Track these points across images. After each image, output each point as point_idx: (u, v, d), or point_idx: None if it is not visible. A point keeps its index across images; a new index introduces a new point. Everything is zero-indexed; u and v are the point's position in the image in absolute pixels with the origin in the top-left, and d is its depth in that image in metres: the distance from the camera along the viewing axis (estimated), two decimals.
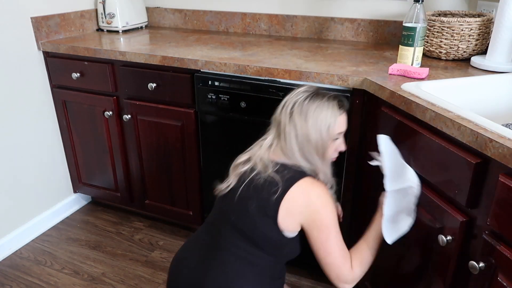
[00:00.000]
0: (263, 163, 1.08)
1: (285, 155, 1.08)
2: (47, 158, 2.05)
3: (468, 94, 1.25)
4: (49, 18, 1.92)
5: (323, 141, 1.07)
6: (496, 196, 0.84)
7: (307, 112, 1.05)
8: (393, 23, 1.80)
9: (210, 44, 1.84)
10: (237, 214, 1.07)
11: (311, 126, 1.05)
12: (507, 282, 0.84)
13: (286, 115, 1.07)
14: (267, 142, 1.12)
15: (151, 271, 1.82)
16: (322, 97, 1.07)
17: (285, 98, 1.11)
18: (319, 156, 1.08)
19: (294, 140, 1.06)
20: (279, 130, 1.09)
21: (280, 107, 1.11)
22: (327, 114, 1.06)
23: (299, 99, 1.07)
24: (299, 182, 1.04)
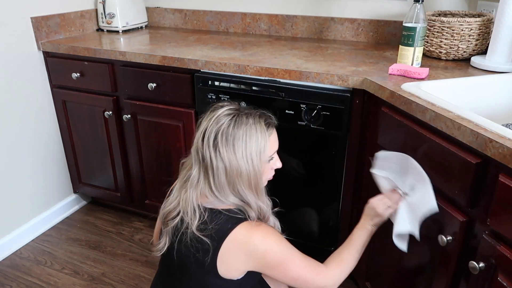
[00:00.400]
0: (190, 211, 0.95)
1: (214, 194, 0.95)
2: (47, 158, 2.05)
3: (468, 94, 1.25)
4: (49, 18, 1.92)
5: (255, 171, 0.94)
6: (496, 196, 0.84)
7: (233, 142, 0.91)
8: (393, 23, 1.80)
9: (210, 44, 1.84)
10: (180, 273, 1.00)
11: (240, 158, 0.91)
12: (507, 282, 0.84)
13: (209, 147, 0.92)
14: (193, 180, 0.96)
15: (151, 271, 1.82)
16: (246, 119, 0.93)
17: (203, 123, 0.95)
18: (252, 189, 0.96)
19: (223, 176, 0.92)
20: (205, 165, 0.93)
21: (200, 136, 0.94)
22: (256, 139, 0.93)
23: (222, 127, 0.92)
24: (231, 235, 0.92)
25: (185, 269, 0.98)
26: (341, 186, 1.53)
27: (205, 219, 0.94)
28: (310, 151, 1.52)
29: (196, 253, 0.95)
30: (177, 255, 0.99)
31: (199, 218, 0.94)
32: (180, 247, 0.98)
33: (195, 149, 0.96)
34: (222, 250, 0.93)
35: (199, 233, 0.93)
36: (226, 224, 0.94)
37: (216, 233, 0.93)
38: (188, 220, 0.95)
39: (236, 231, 0.93)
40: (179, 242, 0.98)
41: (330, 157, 1.48)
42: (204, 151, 0.93)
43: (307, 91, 1.42)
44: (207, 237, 0.93)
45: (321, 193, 1.56)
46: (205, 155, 0.93)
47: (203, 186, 0.96)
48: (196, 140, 0.96)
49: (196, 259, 0.95)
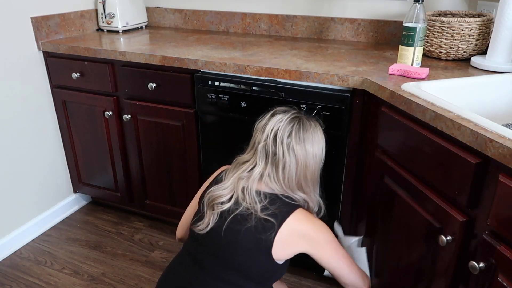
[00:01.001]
0: (249, 197, 1.05)
1: (278, 185, 1.07)
2: (47, 158, 2.05)
3: (468, 94, 1.25)
4: (49, 18, 1.92)
5: (318, 166, 1.10)
6: (496, 196, 0.84)
7: (304, 140, 1.06)
8: (393, 23, 1.80)
9: (210, 44, 1.84)
10: (225, 250, 1.05)
11: (310, 153, 1.07)
12: (507, 282, 0.84)
13: (283, 145, 1.05)
14: (256, 174, 1.07)
15: (151, 271, 1.82)
16: (309, 123, 1.09)
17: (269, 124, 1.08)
18: (313, 181, 1.11)
19: (294, 170, 1.06)
20: (275, 161, 1.06)
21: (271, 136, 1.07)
22: (319, 140, 1.09)
23: (294, 128, 1.06)
24: (292, 215, 1.04)
25: (236, 247, 1.04)
26: (341, 186, 1.53)
27: (265, 203, 1.05)
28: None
29: (259, 235, 1.02)
30: (227, 234, 1.04)
31: (259, 201, 1.05)
32: (233, 226, 1.04)
33: (263, 146, 1.07)
34: (283, 229, 1.02)
35: (263, 214, 1.03)
36: (285, 207, 1.05)
37: (279, 213, 1.03)
38: (244, 204, 1.05)
39: (296, 214, 1.05)
40: (233, 222, 1.04)
41: (330, 157, 1.48)
42: (276, 149, 1.06)
43: (307, 91, 1.42)
44: (272, 216, 1.03)
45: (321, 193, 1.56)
46: (278, 152, 1.05)
47: (269, 179, 1.07)
48: (263, 138, 1.08)
49: (257, 239, 1.02)
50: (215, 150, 1.71)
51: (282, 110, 1.11)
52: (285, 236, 1.02)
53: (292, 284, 1.73)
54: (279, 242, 1.02)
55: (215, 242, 1.06)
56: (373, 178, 1.35)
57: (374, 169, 1.33)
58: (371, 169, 1.38)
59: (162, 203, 1.97)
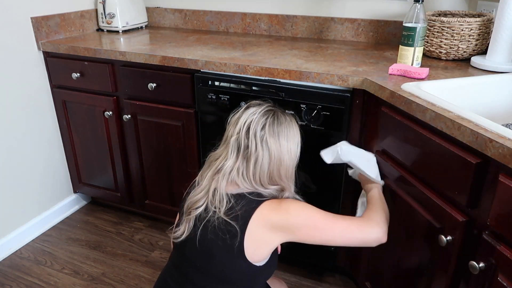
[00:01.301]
0: (218, 198, 1.01)
1: (247, 182, 1.02)
2: (47, 158, 2.05)
3: (468, 94, 1.25)
4: (49, 18, 1.92)
5: (292, 161, 1.05)
6: (496, 196, 0.84)
7: (279, 134, 1.01)
8: (393, 23, 1.80)
9: (210, 44, 1.84)
10: (202, 260, 1.02)
11: (284, 148, 1.02)
12: (507, 282, 0.84)
13: (256, 138, 1.00)
14: (226, 169, 1.02)
15: (151, 271, 1.82)
16: (284, 117, 1.05)
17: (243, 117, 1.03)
18: (287, 178, 1.05)
19: (267, 165, 1.01)
20: (247, 154, 1.01)
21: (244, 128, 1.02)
22: (294, 135, 1.05)
23: (268, 121, 1.01)
24: (257, 211, 0.98)
25: (210, 255, 1.01)
26: (341, 187, 1.53)
27: (231, 204, 1.00)
28: (310, 151, 1.52)
29: (224, 237, 0.98)
30: (201, 242, 1.01)
31: (226, 204, 1.00)
32: (204, 233, 1.00)
33: (235, 140, 1.02)
34: (249, 228, 0.97)
35: (226, 217, 0.98)
36: (250, 204, 1.00)
37: (242, 214, 0.98)
38: (212, 208, 1.00)
39: (261, 207, 0.99)
40: (204, 229, 1.01)
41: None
42: (249, 142, 1.01)
43: (307, 91, 1.42)
44: (234, 219, 0.98)
45: (321, 194, 1.56)
46: (250, 144, 1.00)
47: (236, 174, 1.02)
48: (236, 131, 1.03)
49: (224, 242, 0.98)
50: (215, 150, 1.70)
51: (256, 103, 1.07)
52: (254, 235, 0.98)
53: (292, 284, 1.73)
54: (250, 243, 0.98)
55: (191, 252, 1.04)
56: None
57: None
58: None
59: (162, 203, 1.97)
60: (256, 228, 0.98)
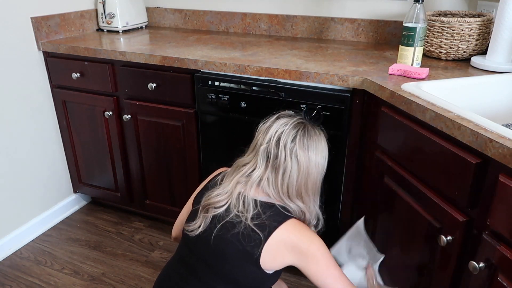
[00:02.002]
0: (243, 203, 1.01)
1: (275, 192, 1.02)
2: (47, 158, 2.05)
3: (468, 94, 1.25)
4: (49, 18, 1.92)
5: (320, 175, 1.06)
6: (496, 196, 0.84)
7: (308, 147, 1.02)
8: (393, 23, 1.80)
9: (210, 44, 1.84)
10: (214, 259, 1.02)
11: (313, 162, 1.02)
12: (507, 282, 0.84)
13: (286, 149, 1.01)
14: (255, 178, 1.03)
15: (151, 271, 1.82)
16: (314, 131, 1.05)
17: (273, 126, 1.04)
18: (313, 192, 1.06)
19: (295, 176, 1.01)
20: (276, 165, 1.01)
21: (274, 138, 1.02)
22: (323, 149, 1.05)
23: (299, 133, 1.02)
24: (282, 226, 0.99)
25: (223, 256, 1.01)
26: (341, 186, 1.53)
27: (258, 211, 1.00)
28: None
29: (244, 243, 0.98)
30: (216, 241, 1.01)
31: (252, 210, 1.00)
32: (223, 234, 1.00)
33: (265, 149, 1.03)
34: (271, 240, 0.97)
35: (253, 225, 0.98)
36: (277, 216, 1.00)
37: (269, 224, 0.98)
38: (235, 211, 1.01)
39: (288, 223, 0.99)
40: (223, 229, 1.01)
41: (330, 157, 1.48)
42: (279, 152, 1.01)
43: (307, 91, 1.42)
44: (261, 228, 0.98)
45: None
46: (280, 155, 1.01)
47: (266, 184, 1.02)
48: (266, 140, 1.03)
49: (243, 248, 0.99)
50: (215, 150, 1.71)
51: (288, 114, 1.08)
52: (272, 247, 0.98)
53: (292, 284, 1.73)
54: (267, 254, 0.98)
55: (204, 248, 1.04)
56: (373, 178, 1.35)
57: (374, 169, 1.33)
58: (371, 169, 1.38)
59: (162, 203, 1.97)
60: (277, 242, 0.98)
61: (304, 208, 1.06)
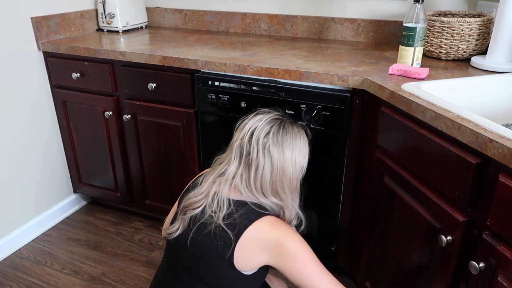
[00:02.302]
0: (217, 203, 0.99)
1: (248, 190, 0.99)
2: (47, 158, 2.05)
3: (468, 94, 1.25)
4: (49, 18, 1.92)
5: (297, 174, 1.02)
6: (496, 196, 0.84)
7: (283, 144, 0.98)
8: (393, 23, 1.80)
9: (210, 44, 1.84)
10: (192, 261, 1.01)
11: (288, 159, 0.98)
12: (507, 282, 0.84)
13: (258, 145, 0.98)
14: (229, 174, 1.01)
15: (151, 271, 1.82)
16: (292, 127, 1.02)
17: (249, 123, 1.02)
18: (291, 190, 1.02)
19: (269, 173, 0.98)
20: (248, 161, 0.99)
21: (248, 134, 1.00)
22: (301, 144, 1.02)
23: (273, 129, 0.99)
24: (254, 224, 0.96)
25: (200, 258, 0.99)
26: (341, 186, 1.53)
27: (231, 210, 0.97)
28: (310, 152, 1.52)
29: (216, 243, 0.96)
30: (192, 243, 1.00)
31: (225, 209, 0.97)
32: (197, 236, 0.99)
33: (239, 145, 1.01)
34: (242, 240, 0.95)
35: (223, 224, 0.96)
36: (249, 215, 0.97)
37: (240, 223, 0.96)
38: (209, 212, 0.98)
39: (260, 221, 0.96)
40: (197, 231, 0.99)
41: (330, 157, 1.48)
42: (251, 148, 0.98)
43: (307, 91, 1.42)
44: (231, 227, 0.95)
45: (321, 193, 1.56)
46: (252, 151, 0.98)
47: (239, 181, 1.00)
48: (240, 137, 1.01)
49: (215, 248, 0.97)
50: (215, 150, 1.70)
51: (265, 111, 1.05)
52: (245, 247, 0.95)
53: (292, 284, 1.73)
54: (240, 253, 0.95)
55: (182, 251, 1.03)
56: (373, 178, 1.35)
57: (374, 169, 1.33)
58: (371, 169, 1.38)
59: (162, 203, 1.97)
60: (248, 242, 0.95)
61: (283, 206, 1.02)
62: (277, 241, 0.95)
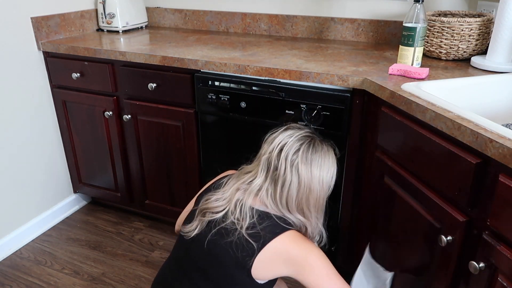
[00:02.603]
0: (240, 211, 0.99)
1: (274, 204, 1.00)
2: (47, 158, 2.05)
3: (468, 94, 1.25)
4: (49, 18, 1.92)
5: (324, 192, 1.02)
6: (496, 196, 0.84)
7: (311, 162, 0.99)
8: (393, 23, 1.80)
9: (210, 44, 1.84)
10: (205, 263, 1.01)
11: (315, 178, 0.99)
12: (507, 282, 0.84)
13: (287, 161, 0.98)
14: (254, 187, 1.01)
15: (151, 271, 1.82)
16: (321, 146, 1.02)
17: (279, 137, 1.02)
18: (316, 209, 1.03)
19: (295, 190, 0.98)
20: (275, 176, 0.99)
21: (277, 149, 1.00)
22: (329, 164, 1.02)
23: (303, 147, 0.99)
24: (278, 237, 0.96)
25: (216, 262, 1.00)
26: (341, 186, 1.53)
27: (254, 220, 0.98)
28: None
29: (238, 252, 0.97)
30: (210, 245, 1.00)
31: (248, 219, 0.98)
32: (216, 240, 0.99)
33: (267, 159, 1.01)
34: (265, 251, 0.95)
35: (247, 235, 0.96)
36: (274, 228, 0.98)
37: (264, 235, 0.96)
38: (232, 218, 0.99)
39: (283, 236, 0.97)
40: (218, 234, 0.99)
41: None
42: (279, 164, 0.99)
43: (307, 91, 1.42)
44: (255, 238, 0.96)
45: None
46: (280, 167, 0.98)
47: (265, 194, 1.00)
48: (268, 150, 1.02)
49: (236, 257, 0.97)
50: (215, 150, 1.71)
51: (296, 127, 1.06)
52: (266, 259, 0.96)
53: (292, 284, 1.73)
54: (260, 264, 0.96)
55: (197, 251, 1.03)
56: (373, 178, 1.35)
57: (374, 169, 1.33)
58: (371, 169, 1.38)
59: (162, 203, 1.97)
60: (271, 254, 0.96)
61: (306, 223, 1.03)
62: (300, 255, 0.97)
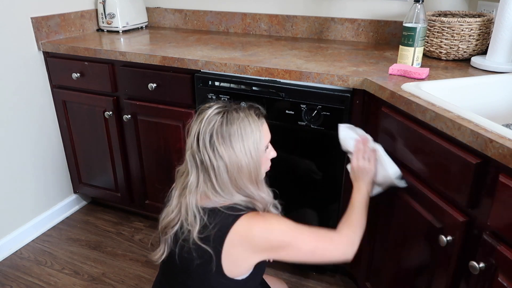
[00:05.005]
0: (191, 217, 0.95)
1: (218, 193, 0.95)
2: (47, 158, 2.05)
3: (468, 94, 1.25)
4: (49, 18, 1.92)
5: (254, 162, 0.95)
6: (496, 196, 0.84)
7: (230, 138, 0.92)
8: (393, 23, 1.80)
9: (210, 44, 1.84)
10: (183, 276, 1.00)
11: (239, 152, 0.93)
12: (507, 282, 0.84)
13: (207, 149, 0.92)
14: (191, 185, 0.96)
15: (151, 271, 1.82)
16: (237, 114, 0.95)
17: (194, 127, 0.96)
18: (253, 181, 0.97)
19: (225, 173, 0.93)
20: (205, 167, 0.94)
21: (194, 140, 0.95)
22: (251, 131, 0.94)
23: (216, 126, 0.93)
24: (231, 232, 0.92)
25: (189, 273, 0.98)
26: (341, 186, 1.53)
27: (205, 222, 0.94)
28: (310, 152, 1.53)
29: (199, 259, 0.95)
30: (180, 260, 0.98)
31: (199, 222, 0.94)
32: (181, 253, 0.97)
33: (190, 154, 0.97)
34: (226, 247, 0.92)
35: (200, 241, 0.93)
36: (226, 220, 0.94)
37: (216, 234, 0.93)
38: (188, 227, 0.95)
39: (237, 225, 0.93)
40: (180, 248, 0.97)
41: (330, 157, 1.48)
42: (202, 154, 0.94)
43: (307, 91, 1.42)
44: (207, 242, 0.93)
45: (321, 193, 1.56)
46: (204, 157, 0.94)
47: (205, 188, 0.96)
48: (189, 145, 0.97)
49: (200, 263, 0.95)
50: None
51: (206, 107, 0.98)
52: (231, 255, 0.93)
53: (292, 284, 1.73)
54: (228, 262, 0.93)
55: (173, 268, 1.01)
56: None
57: None
58: None
59: (162, 203, 1.97)
60: (233, 248, 0.92)
61: (252, 200, 0.98)
62: (262, 237, 0.93)
